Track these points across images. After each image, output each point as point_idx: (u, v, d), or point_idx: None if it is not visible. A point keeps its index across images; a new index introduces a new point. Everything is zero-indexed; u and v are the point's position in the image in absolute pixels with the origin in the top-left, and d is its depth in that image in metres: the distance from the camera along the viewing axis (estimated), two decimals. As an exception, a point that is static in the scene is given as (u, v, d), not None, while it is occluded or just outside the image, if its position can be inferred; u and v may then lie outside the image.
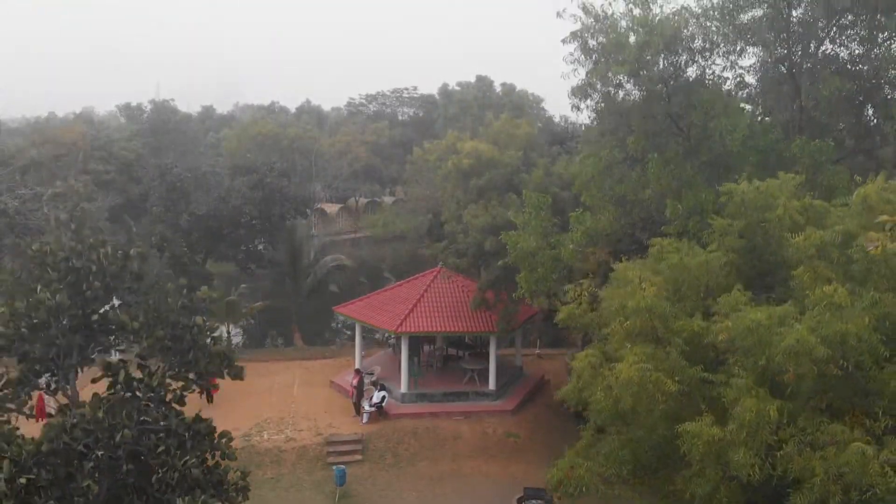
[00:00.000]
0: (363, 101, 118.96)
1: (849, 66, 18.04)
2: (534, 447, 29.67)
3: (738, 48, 19.55)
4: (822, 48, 18.17)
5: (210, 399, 32.47)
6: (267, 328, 43.16)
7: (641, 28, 17.15)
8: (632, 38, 16.43)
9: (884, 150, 18.44)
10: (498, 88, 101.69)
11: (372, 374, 33.65)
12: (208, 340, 13.99)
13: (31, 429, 21.90)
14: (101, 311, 12.01)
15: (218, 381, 32.58)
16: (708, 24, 18.89)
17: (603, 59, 17.69)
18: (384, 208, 62.94)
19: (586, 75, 19.29)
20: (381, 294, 33.86)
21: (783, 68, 19.60)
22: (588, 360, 12.16)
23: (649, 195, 18.29)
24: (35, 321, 11.91)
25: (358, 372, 32.03)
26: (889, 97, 18.16)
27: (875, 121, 18.91)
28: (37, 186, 40.25)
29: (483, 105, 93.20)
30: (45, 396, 26.98)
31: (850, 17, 17.27)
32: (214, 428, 14.02)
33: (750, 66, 20.67)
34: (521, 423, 31.38)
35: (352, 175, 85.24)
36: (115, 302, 13.40)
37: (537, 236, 20.15)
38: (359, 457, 28.47)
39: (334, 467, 26.11)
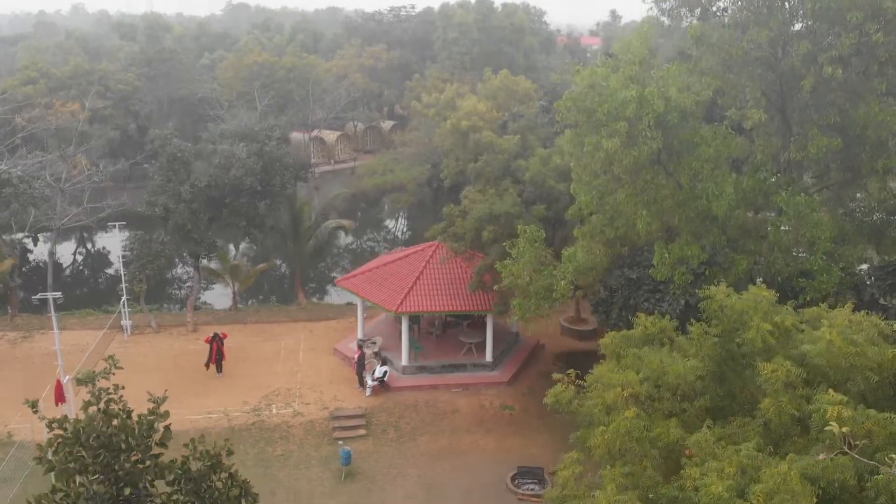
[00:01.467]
0: (360, 19, 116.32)
1: (836, 119, 18.37)
2: (528, 420, 31.46)
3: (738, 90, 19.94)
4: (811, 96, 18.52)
5: (220, 369, 34.44)
6: (272, 288, 44.46)
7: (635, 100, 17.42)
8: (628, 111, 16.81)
9: (871, 183, 19.07)
10: (499, 7, 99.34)
11: (374, 343, 35.14)
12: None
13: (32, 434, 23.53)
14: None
15: (227, 334, 34.45)
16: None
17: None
18: (383, 134, 62.71)
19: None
20: (382, 269, 34.84)
21: (775, 107, 19.99)
22: (572, 471, 13.42)
23: (640, 236, 19.10)
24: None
25: (360, 347, 33.47)
26: (872, 154, 18.64)
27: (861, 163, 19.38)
28: (37, 150, 40.60)
29: (483, 28, 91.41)
30: (65, 384, 28.62)
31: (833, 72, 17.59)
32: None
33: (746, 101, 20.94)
34: (516, 394, 33.07)
35: (350, 104, 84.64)
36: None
37: (530, 269, 21.06)
38: (363, 431, 30.24)
39: (340, 449, 27.81)
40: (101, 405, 12.07)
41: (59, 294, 27.86)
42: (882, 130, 18.15)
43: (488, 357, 33.74)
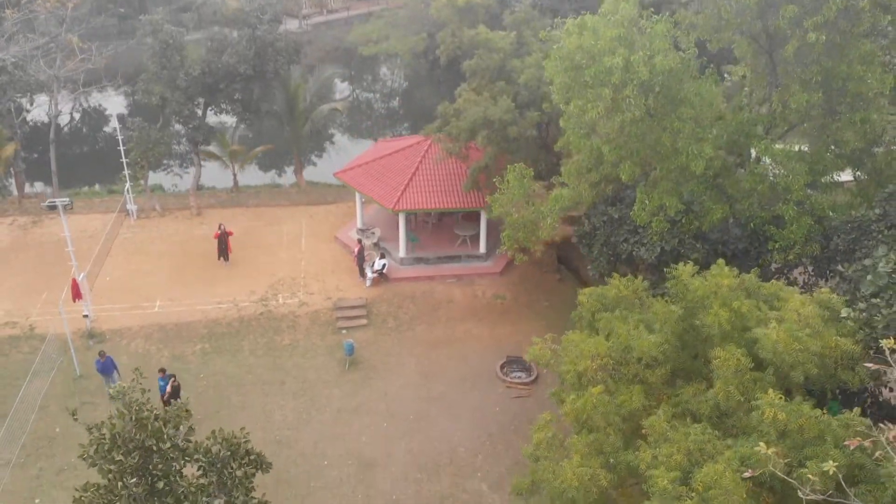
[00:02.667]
0: None
1: (818, 78, 18.46)
2: (518, 308, 33.60)
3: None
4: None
5: (227, 258, 36.14)
6: (271, 171, 45.23)
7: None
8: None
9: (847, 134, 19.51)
10: None
11: (373, 234, 36.64)
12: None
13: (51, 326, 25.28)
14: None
15: (232, 231, 35.96)
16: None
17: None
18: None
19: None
20: (378, 162, 35.59)
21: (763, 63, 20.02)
22: (544, 434, 15.13)
23: (624, 178, 19.92)
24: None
25: (360, 241, 34.97)
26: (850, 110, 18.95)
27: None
28: (29, 34, 39.92)
29: None
30: (80, 281, 30.34)
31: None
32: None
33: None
34: (507, 283, 35.00)
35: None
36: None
37: (519, 203, 22.03)
38: (364, 321, 32.39)
39: (344, 342, 30.01)
40: (133, 416, 13.47)
41: (67, 200, 28.83)
42: (862, 86, 18.55)
43: (482, 249, 35.37)
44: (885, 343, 9.81)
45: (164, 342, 30.99)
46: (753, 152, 20.16)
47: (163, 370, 26.77)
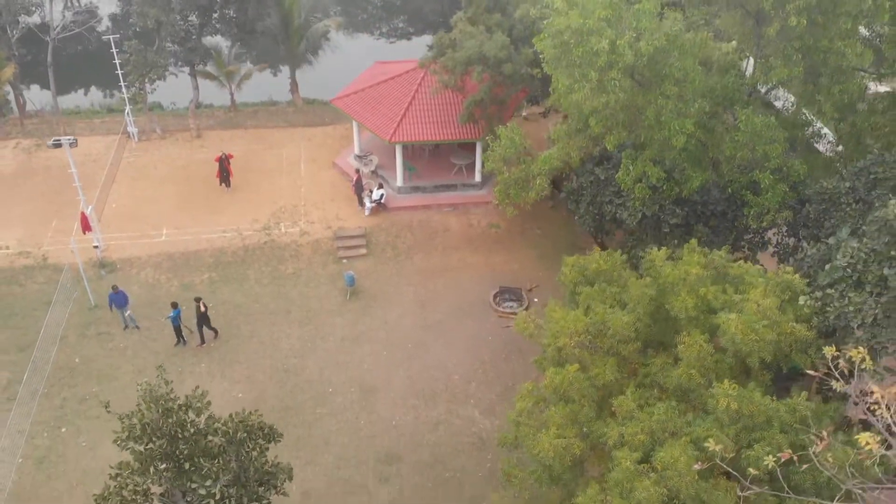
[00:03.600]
0: None
1: (799, 56, 18.74)
2: (511, 237, 34.89)
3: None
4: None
5: (228, 183, 37.11)
6: (268, 90, 45.23)
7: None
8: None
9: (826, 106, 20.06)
10: None
11: (371, 161, 37.42)
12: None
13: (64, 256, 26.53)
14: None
15: (233, 154, 36.75)
16: None
17: None
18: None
19: None
20: (374, 89, 35.89)
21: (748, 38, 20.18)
22: (525, 404, 16.57)
23: (610, 148, 20.58)
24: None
25: (357, 171, 35.82)
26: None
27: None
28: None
29: None
30: (88, 214, 31.44)
31: None
32: None
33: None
34: (502, 212, 35.69)
35: None
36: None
37: (511, 161, 22.80)
38: (363, 251, 33.74)
39: (345, 273, 31.44)
40: (160, 408, 14.80)
41: (72, 138, 29.49)
42: (842, 59, 18.96)
43: (477, 178, 36.28)
44: (827, 350, 11.06)
45: (173, 271, 32.43)
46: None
47: (174, 304, 28.29)
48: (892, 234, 14.50)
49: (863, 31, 21.17)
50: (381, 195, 35.23)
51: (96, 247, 32.37)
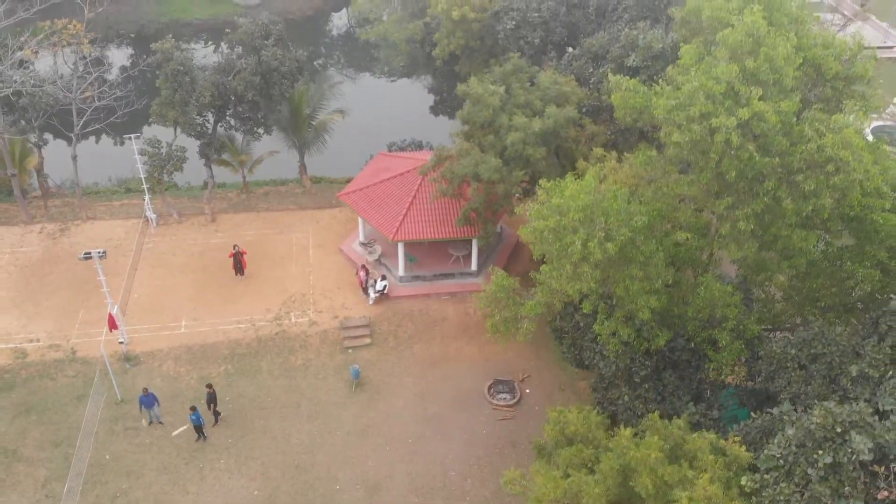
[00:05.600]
0: None
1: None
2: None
3: None
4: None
5: (242, 273, 39.77)
6: (278, 169, 48.05)
7: None
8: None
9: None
10: None
11: (375, 251, 40.10)
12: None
13: (91, 349, 29.12)
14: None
15: (246, 251, 39.44)
16: None
17: None
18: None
19: None
20: (378, 186, 38.58)
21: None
22: None
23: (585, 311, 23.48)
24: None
25: (363, 267, 38.50)
26: None
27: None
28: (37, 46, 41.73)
29: None
30: (115, 314, 34.11)
31: None
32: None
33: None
34: (495, 299, 38.68)
35: None
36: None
37: (501, 302, 25.64)
38: (367, 340, 36.37)
39: (351, 367, 34.04)
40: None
41: (102, 251, 32.19)
42: (789, 242, 21.21)
43: (473, 266, 38.96)
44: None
45: (192, 363, 35.09)
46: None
47: (193, 407, 30.91)
48: (813, 441, 17.02)
49: None
50: (384, 286, 37.91)
51: (121, 342, 35.06)
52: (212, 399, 31.83)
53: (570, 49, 40.52)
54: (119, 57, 73.01)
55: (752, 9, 20.08)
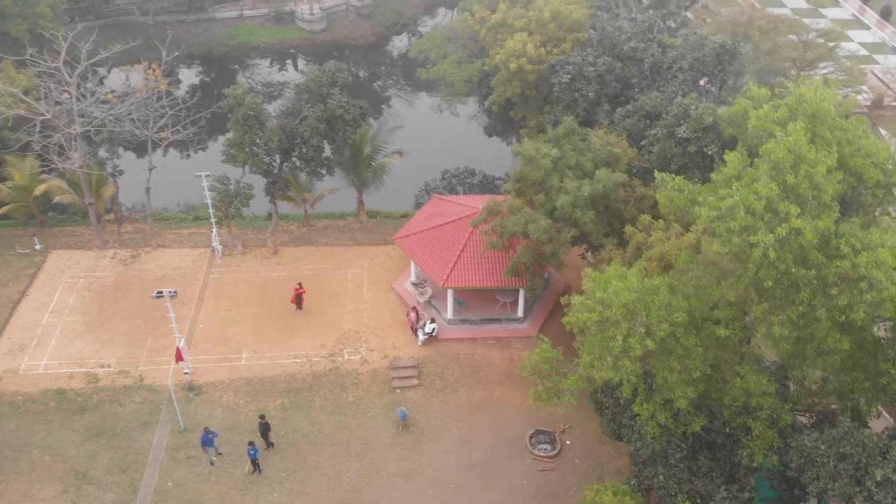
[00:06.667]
0: None
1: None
2: (548, 373, 38.74)
3: None
4: None
5: (301, 307, 41.81)
6: (338, 203, 50.26)
7: None
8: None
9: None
10: None
11: (425, 292, 41.78)
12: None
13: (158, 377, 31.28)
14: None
15: (306, 290, 41.44)
16: None
17: None
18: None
19: None
20: (431, 232, 40.24)
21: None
22: None
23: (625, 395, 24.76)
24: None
25: (414, 309, 40.21)
26: None
27: None
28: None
29: None
30: (181, 347, 36.35)
31: None
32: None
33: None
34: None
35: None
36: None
37: (544, 373, 27.06)
38: (415, 381, 38.02)
39: (398, 410, 35.73)
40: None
41: (173, 291, 34.55)
42: (824, 344, 22.02)
43: (519, 313, 40.33)
44: None
45: (251, 395, 37.23)
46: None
47: (251, 442, 33.00)
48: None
49: None
50: (433, 329, 39.56)
51: (186, 373, 37.41)
52: (265, 429, 33.89)
53: (624, 105, 41.54)
54: (188, 76, 76.61)
55: (795, 125, 21.13)
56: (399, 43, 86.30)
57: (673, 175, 23.88)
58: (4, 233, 47.71)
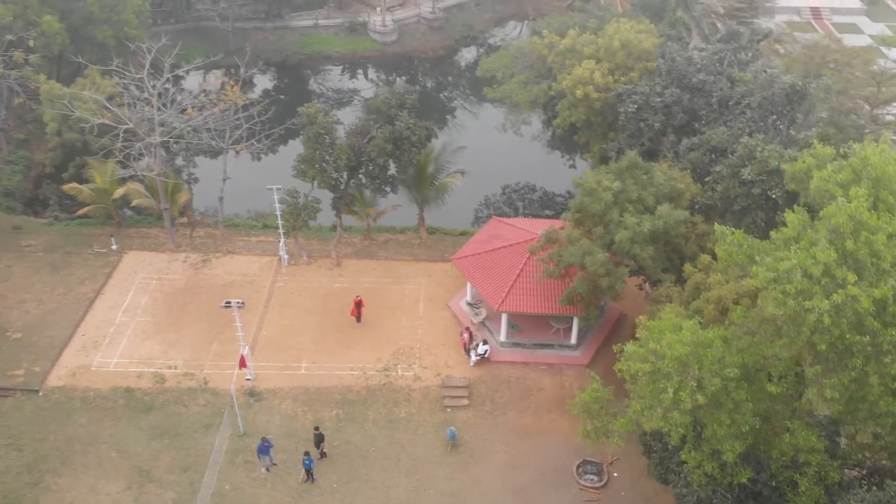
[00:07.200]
0: None
1: None
2: (598, 402, 39.03)
3: None
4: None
5: (359, 319, 42.99)
6: (399, 217, 51.45)
7: None
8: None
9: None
10: None
11: (480, 312, 42.53)
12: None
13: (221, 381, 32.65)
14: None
15: (365, 303, 42.57)
16: None
17: None
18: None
19: None
20: (488, 255, 40.94)
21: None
22: None
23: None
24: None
25: (467, 329, 41.00)
26: None
27: None
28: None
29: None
30: (246, 354, 37.88)
31: None
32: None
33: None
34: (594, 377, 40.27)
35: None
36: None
37: (593, 411, 27.49)
38: (465, 402, 38.80)
39: (448, 430, 36.56)
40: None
41: (241, 302, 36.10)
42: (875, 407, 21.94)
43: (573, 340, 40.72)
44: None
45: (308, 405, 38.54)
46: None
47: (307, 452, 34.29)
48: None
49: None
50: (486, 350, 40.28)
51: (248, 379, 38.99)
52: (319, 440, 35.16)
53: (690, 136, 41.53)
54: (263, 81, 78.95)
55: (857, 189, 21.15)
56: (468, 54, 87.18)
57: (733, 229, 24.06)
58: (84, 231, 50.28)
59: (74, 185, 49.16)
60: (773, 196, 32.37)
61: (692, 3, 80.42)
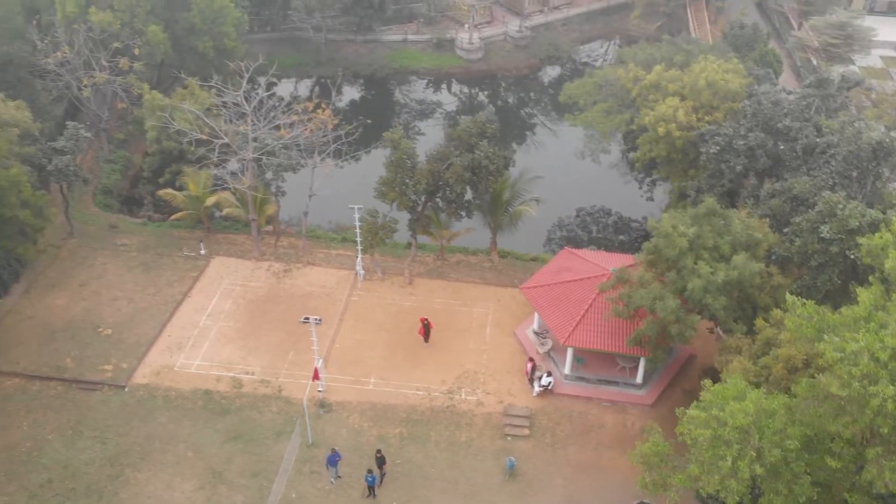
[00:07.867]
0: None
1: None
2: (659, 444, 39.14)
3: None
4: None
5: (427, 338, 44.24)
6: (471, 241, 52.55)
7: None
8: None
9: None
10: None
11: (545, 343, 43.17)
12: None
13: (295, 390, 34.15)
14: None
15: (433, 324, 43.82)
16: None
17: None
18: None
19: None
20: (558, 287, 41.51)
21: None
22: None
23: None
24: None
25: (532, 360, 41.70)
26: None
27: None
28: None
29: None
30: (319, 367, 39.47)
31: None
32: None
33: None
34: (657, 417, 40.24)
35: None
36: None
37: (652, 464, 27.91)
38: (527, 432, 39.50)
39: (507, 459, 37.34)
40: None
41: (318, 319, 37.77)
42: None
43: (638, 379, 40.92)
44: None
45: (374, 420, 39.95)
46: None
47: (370, 470, 35.66)
48: None
49: None
50: (550, 382, 40.89)
51: (320, 391, 40.69)
52: (381, 462, 36.42)
53: (772, 180, 41.15)
54: (351, 93, 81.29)
55: None
56: (552, 72, 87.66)
57: (804, 301, 24.13)
58: (175, 233, 53.18)
59: (170, 190, 52.10)
60: (852, 256, 31.97)
61: (785, 35, 78.89)
